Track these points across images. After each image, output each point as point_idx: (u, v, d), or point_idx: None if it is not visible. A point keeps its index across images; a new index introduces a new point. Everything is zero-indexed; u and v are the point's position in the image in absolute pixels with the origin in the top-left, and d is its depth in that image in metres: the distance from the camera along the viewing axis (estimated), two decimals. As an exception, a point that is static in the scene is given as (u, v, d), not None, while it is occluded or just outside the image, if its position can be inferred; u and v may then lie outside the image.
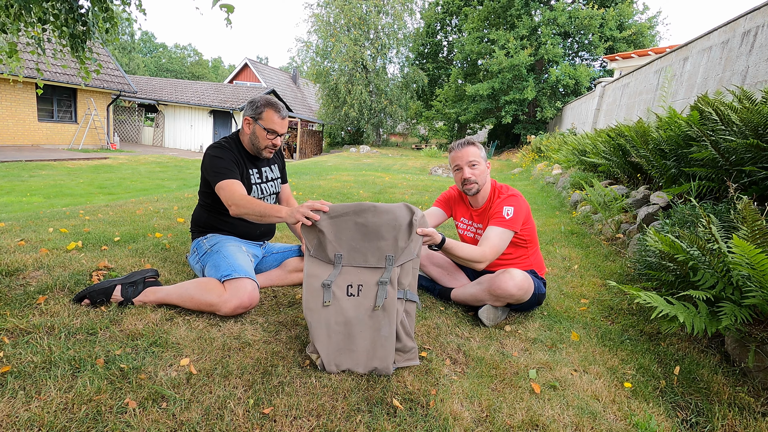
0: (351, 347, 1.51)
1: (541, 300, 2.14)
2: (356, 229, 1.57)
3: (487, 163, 2.09)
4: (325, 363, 1.50)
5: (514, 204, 2.03)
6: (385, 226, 1.56)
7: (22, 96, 13.12)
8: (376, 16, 22.15)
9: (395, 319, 1.52)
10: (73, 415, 1.19)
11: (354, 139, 25.73)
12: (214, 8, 2.24)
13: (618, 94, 9.27)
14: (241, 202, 1.84)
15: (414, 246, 1.61)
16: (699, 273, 1.85)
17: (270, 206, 1.78)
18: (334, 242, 1.58)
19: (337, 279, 1.57)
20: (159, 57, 55.35)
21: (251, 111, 2.04)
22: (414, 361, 1.57)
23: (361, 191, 6.07)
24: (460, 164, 2.05)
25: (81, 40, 2.98)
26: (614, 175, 5.20)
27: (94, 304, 1.77)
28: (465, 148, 2.05)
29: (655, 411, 1.46)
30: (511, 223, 1.99)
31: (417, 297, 1.62)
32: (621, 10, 17.57)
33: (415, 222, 1.59)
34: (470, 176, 2.03)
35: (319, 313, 1.53)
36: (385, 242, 1.57)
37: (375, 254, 1.58)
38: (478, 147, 2.07)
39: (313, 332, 1.52)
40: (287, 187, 2.43)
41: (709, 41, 5.37)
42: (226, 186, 1.91)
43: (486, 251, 1.94)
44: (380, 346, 1.50)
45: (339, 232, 1.58)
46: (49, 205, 5.59)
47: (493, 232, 1.99)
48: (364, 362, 1.51)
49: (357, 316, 1.53)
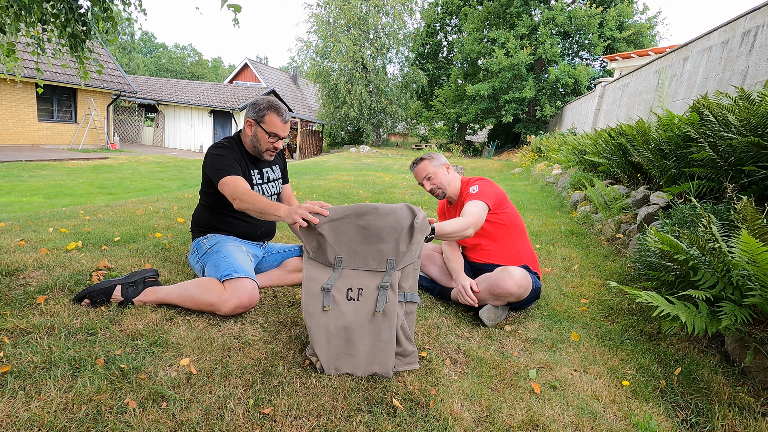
0: (351, 352, 1.50)
1: (538, 294, 2.16)
2: (357, 232, 1.55)
3: (444, 165, 2.29)
4: (324, 367, 1.50)
5: (478, 182, 2.23)
6: (386, 228, 1.54)
7: (22, 96, 13.11)
8: (375, 15, 22.13)
9: (395, 323, 1.50)
10: (73, 415, 1.19)
11: (354, 139, 25.73)
12: (215, 9, 2.24)
13: (618, 94, 9.27)
14: (244, 196, 1.82)
15: (415, 249, 1.59)
16: (699, 273, 1.85)
17: (270, 203, 1.76)
18: (334, 245, 1.56)
19: (337, 282, 1.55)
20: (159, 57, 55.36)
21: (254, 113, 2.03)
22: (414, 365, 1.56)
23: (361, 191, 6.07)
24: (419, 181, 2.31)
25: (81, 40, 2.98)
26: (614, 175, 5.20)
27: (94, 304, 1.77)
28: (417, 167, 2.29)
29: (655, 411, 1.47)
30: (480, 195, 2.14)
31: (418, 297, 1.61)
32: (621, 10, 17.58)
33: (416, 225, 1.57)
34: (431, 187, 2.28)
35: (318, 318, 1.51)
36: (386, 245, 1.55)
37: (376, 257, 1.56)
38: (429, 159, 2.28)
39: (313, 336, 1.51)
40: (288, 187, 2.43)
41: (709, 41, 5.37)
42: (229, 181, 1.90)
43: (467, 219, 2.05)
44: (380, 350, 1.49)
45: (339, 234, 1.56)
46: (49, 205, 5.59)
47: (468, 206, 2.13)
48: (364, 366, 1.50)
49: (357, 321, 1.51)
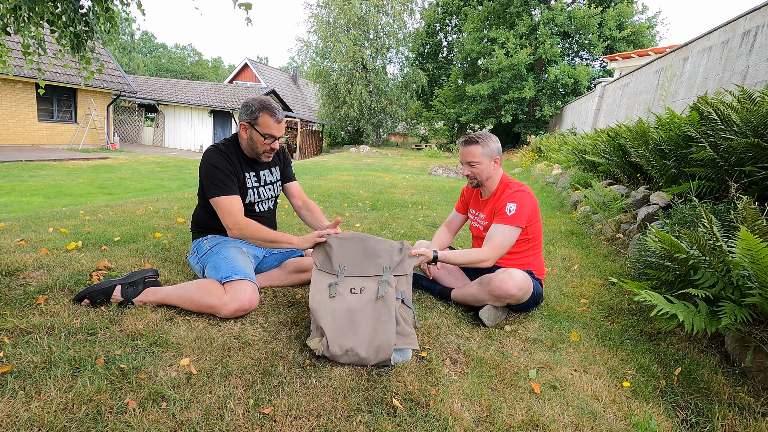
0: (354, 330, 1.60)
1: (539, 300, 2.15)
2: (359, 250, 1.87)
3: (495, 159, 2.12)
4: (329, 342, 1.55)
5: (518, 200, 2.04)
6: (381, 249, 1.87)
7: (22, 96, 13.11)
8: (375, 15, 22.12)
9: (394, 309, 1.67)
10: (73, 415, 1.19)
11: (354, 139, 25.72)
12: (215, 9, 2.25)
13: (618, 94, 9.27)
14: (247, 230, 1.93)
15: (406, 265, 1.87)
16: (699, 272, 1.85)
17: (281, 235, 1.94)
18: (339, 256, 1.85)
19: (341, 284, 1.78)
20: (159, 57, 55.34)
21: (247, 116, 1.97)
22: (414, 345, 1.63)
23: (361, 191, 6.06)
24: (462, 162, 2.18)
25: (83, 40, 2.98)
26: (614, 175, 5.19)
27: (94, 304, 1.77)
28: (466, 148, 2.12)
29: (655, 411, 1.46)
30: (514, 219, 2.02)
31: (412, 305, 1.79)
32: (620, 10, 17.57)
33: (405, 247, 1.90)
34: (469, 173, 2.15)
35: (325, 304, 1.69)
36: (382, 260, 1.85)
37: (374, 268, 1.84)
38: (482, 144, 2.08)
39: (319, 317, 1.63)
40: (296, 184, 2.37)
41: (709, 41, 5.37)
42: (222, 205, 1.94)
43: (484, 251, 2.01)
44: (381, 330, 1.60)
45: (344, 250, 1.87)
46: (49, 205, 5.59)
47: (497, 230, 2.04)
48: (367, 342, 1.56)
49: (360, 306, 1.68)
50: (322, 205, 4.71)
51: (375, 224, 3.87)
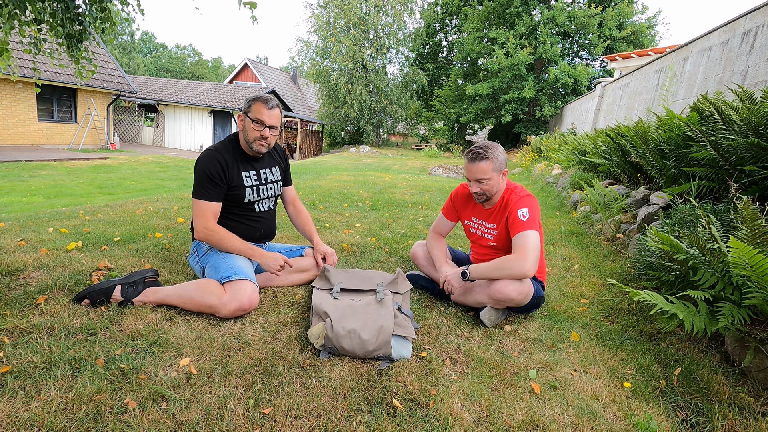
0: (356, 317, 1.71)
1: (539, 303, 2.14)
2: (354, 274, 2.17)
3: (503, 172, 2.06)
4: (333, 322, 1.63)
5: (528, 204, 2.02)
6: (375, 275, 2.18)
7: (22, 96, 13.11)
8: (375, 15, 22.12)
9: (392, 308, 1.81)
10: (73, 415, 1.19)
11: (354, 139, 25.71)
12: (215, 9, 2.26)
13: (618, 94, 9.27)
14: (214, 236, 1.99)
15: (400, 286, 2.10)
16: (699, 273, 1.85)
17: (249, 249, 2.00)
18: (336, 276, 2.11)
19: (341, 294, 1.99)
20: (159, 57, 55.36)
21: (243, 107, 2.08)
22: (412, 335, 1.71)
23: (361, 191, 6.06)
24: (469, 178, 2.07)
25: (77, 39, 2.97)
26: (614, 175, 5.19)
27: (94, 304, 1.77)
28: (475, 164, 2.00)
29: (655, 411, 1.47)
30: (531, 224, 1.98)
31: (410, 313, 1.91)
32: (620, 10, 17.57)
33: (399, 273, 2.16)
34: (478, 190, 2.06)
35: (328, 300, 1.87)
36: (376, 280, 2.12)
37: (369, 285, 2.07)
38: (492, 159, 1.99)
39: (323, 307, 1.77)
40: (292, 189, 2.41)
41: (709, 41, 5.37)
42: (198, 207, 2.00)
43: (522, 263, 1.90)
44: (381, 317, 1.72)
45: (341, 273, 2.16)
46: (49, 205, 5.59)
47: (522, 238, 1.95)
48: (369, 326, 1.64)
49: (360, 306, 1.82)
50: (322, 204, 4.71)
51: (375, 224, 3.87)
